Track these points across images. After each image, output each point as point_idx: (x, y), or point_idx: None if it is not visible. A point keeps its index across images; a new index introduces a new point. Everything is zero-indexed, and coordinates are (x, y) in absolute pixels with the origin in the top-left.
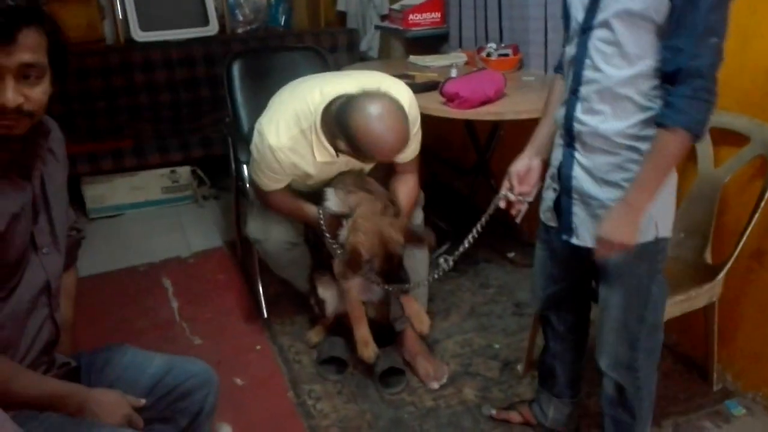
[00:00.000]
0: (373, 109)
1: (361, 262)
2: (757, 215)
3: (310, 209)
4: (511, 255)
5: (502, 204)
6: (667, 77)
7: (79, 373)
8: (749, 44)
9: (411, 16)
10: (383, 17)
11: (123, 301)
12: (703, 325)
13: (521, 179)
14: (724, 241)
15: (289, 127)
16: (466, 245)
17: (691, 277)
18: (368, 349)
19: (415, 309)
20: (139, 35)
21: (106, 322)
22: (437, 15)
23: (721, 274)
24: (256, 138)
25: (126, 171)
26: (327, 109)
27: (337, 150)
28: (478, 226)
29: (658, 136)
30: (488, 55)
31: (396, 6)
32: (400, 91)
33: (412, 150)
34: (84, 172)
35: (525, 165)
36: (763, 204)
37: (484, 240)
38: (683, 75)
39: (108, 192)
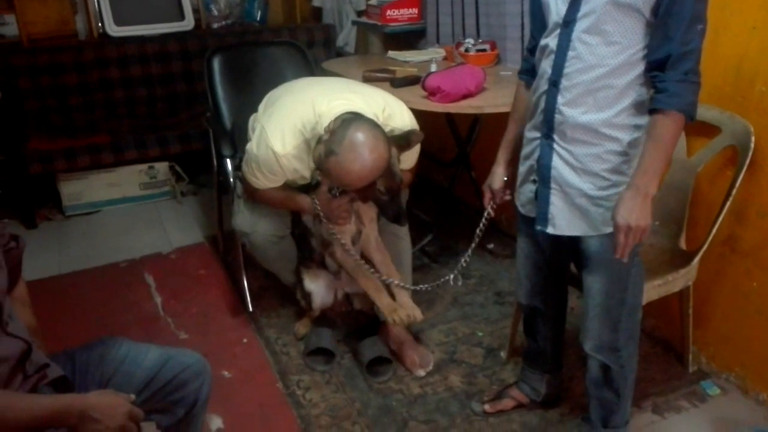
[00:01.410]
0: (351, 142)
1: None
2: (728, 203)
3: (303, 199)
4: (490, 246)
5: (492, 213)
6: (657, 64)
7: (66, 380)
8: (720, 38)
9: (389, 12)
10: (360, 13)
11: (105, 298)
12: (679, 310)
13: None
14: (697, 228)
15: (294, 135)
16: (466, 260)
17: (667, 263)
18: (398, 313)
19: (405, 299)
20: (114, 30)
21: (89, 318)
22: (414, 11)
23: (696, 259)
24: (257, 139)
25: (103, 167)
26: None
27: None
28: (474, 242)
29: (654, 121)
30: (466, 50)
31: (373, 1)
32: (404, 114)
33: (410, 162)
34: (60, 168)
35: (501, 182)
36: (734, 192)
37: (465, 232)
38: (673, 60)
39: (85, 189)
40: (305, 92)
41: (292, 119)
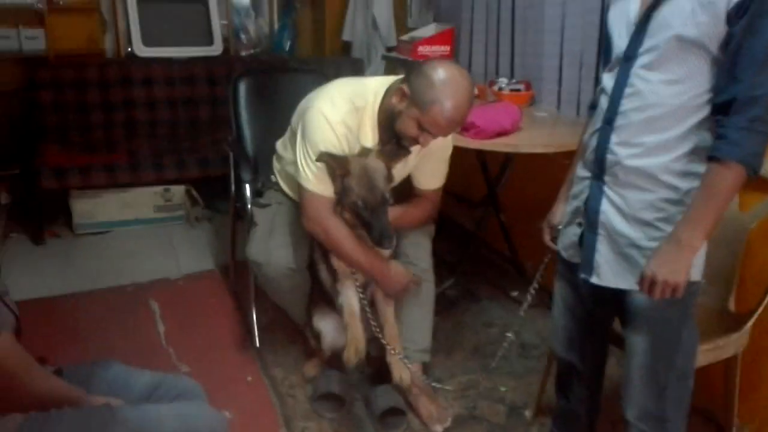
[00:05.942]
0: (448, 71)
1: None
2: None
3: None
4: (514, 294)
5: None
6: (721, 107)
7: (61, 374)
8: None
9: (420, 48)
10: (390, 48)
11: (107, 322)
12: (722, 377)
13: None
14: (748, 289)
15: (344, 101)
16: (525, 308)
17: (715, 326)
18: (350, 351)
19: (395, 359)
20: (142, 50)
21: (87, 342)
22: (447, 48)
23: (749, 324)
24: (306, 116)
25: (118, 187)
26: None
27: (385, 133)
28: (533, 286)
29: (710, 170)
30: (499, 89)
31: (405, 37)
32: None
33: (438, 178)
34: (74, 185)
35: (560, 218)
36: None
37: (486, 277)
38: (738, 105)
39: (98, 207)
40: (352, 78)
41: (342, 90)
